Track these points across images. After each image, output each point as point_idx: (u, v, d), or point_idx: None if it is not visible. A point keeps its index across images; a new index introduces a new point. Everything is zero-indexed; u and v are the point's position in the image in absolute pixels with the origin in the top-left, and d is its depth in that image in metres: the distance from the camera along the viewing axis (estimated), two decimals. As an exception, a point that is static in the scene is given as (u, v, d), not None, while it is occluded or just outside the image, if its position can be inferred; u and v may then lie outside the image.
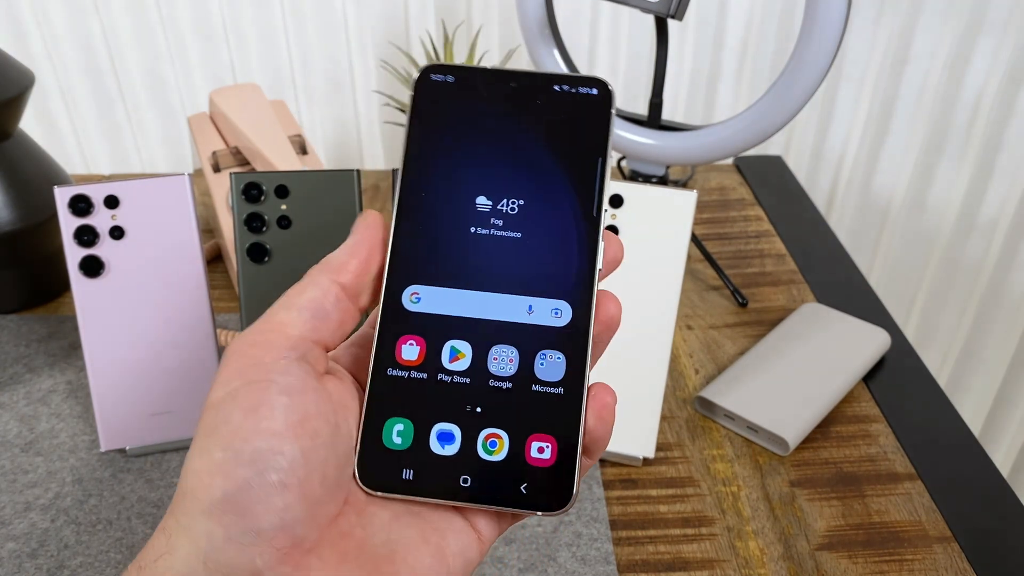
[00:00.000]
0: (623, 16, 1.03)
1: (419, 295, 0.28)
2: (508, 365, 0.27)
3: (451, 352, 0.27)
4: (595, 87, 0.29)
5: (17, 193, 0.65)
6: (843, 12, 0.59)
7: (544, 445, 0.27)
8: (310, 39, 1.04)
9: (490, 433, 0.27)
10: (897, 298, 1.18)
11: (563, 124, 0.29)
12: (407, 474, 0.27)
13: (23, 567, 0.49)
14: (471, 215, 0.28)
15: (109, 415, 0.54)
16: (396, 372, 0.27)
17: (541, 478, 0.27)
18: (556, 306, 0.28)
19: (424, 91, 0.29)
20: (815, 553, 0.51)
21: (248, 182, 0.52)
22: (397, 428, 0.27)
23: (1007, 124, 1.03)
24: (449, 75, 0.29)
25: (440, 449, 0.27)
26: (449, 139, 0.29)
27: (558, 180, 0.28)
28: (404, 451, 0.27)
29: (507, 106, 0.29)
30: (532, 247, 0.28)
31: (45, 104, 1.06)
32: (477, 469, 0.27)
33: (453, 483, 0.27)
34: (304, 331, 0.26)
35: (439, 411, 0.27)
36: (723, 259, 0.78)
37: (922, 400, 0.62)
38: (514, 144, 0.29)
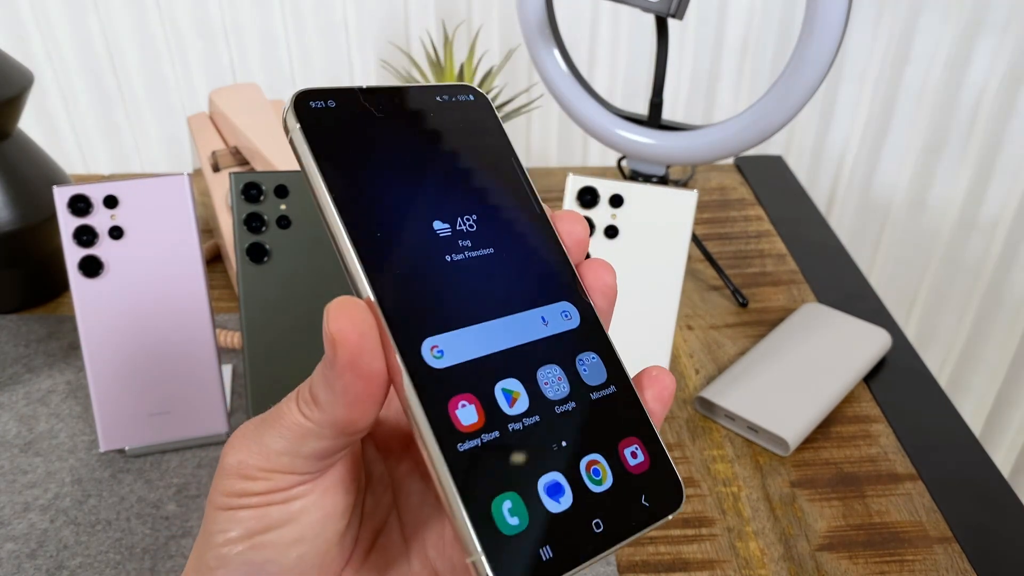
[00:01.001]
0: (623, 16, 1.03)
1: (439, 348, 0.24)
2: (560, 385, 0.25)
3: (506, 396, 0.24)
4: (470, 94, 0.28)
5: (16, 193, 0.65)
6: (843, 12, 0.59)
7: (634, 448, 0.25)
8: (310, 39, 1.04)
9: (589, 462, 0.24)
10: (897, 298, 1.18)
11: (465, 133, 0.27)
12: (545, 553, 0.22)
13: (22, 567, 0.49)
14: (439, 243, 0.25)
15: (108, 415, 0.54)
16: (467, 445, 0.22)
17: (652, 482, 0.24)
18: (562, 309, 0.26)
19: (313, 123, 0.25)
20: (816, 554, 0.51)
21: (248, 182, 0.52)
22: (507, 507, 0.22)
23: (1007, 124, 1.03)
24: (329, 100, 0.25)
25: (557, 506, 0.23)
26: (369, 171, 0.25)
27: (492, 187, 0.27)
28: (527, 529, 0.22)
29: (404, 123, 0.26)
30: (508, 259, 0.26)
31: (45, 104, 1.06)
32: (599, 506, 0.23)
33: (590, 535, 0.23)
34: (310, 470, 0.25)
35: (534, 466, 0.23)
36: (723, 259, 0.78)
37: (923, 400, 0.62)
38: (433, 161, 0.26)
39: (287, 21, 1.03)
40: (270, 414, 0.25)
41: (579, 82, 0.74)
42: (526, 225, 0.27)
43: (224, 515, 0.24)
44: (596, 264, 0.27)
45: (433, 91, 0.27)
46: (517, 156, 0.28)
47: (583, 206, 0.56)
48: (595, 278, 0.27)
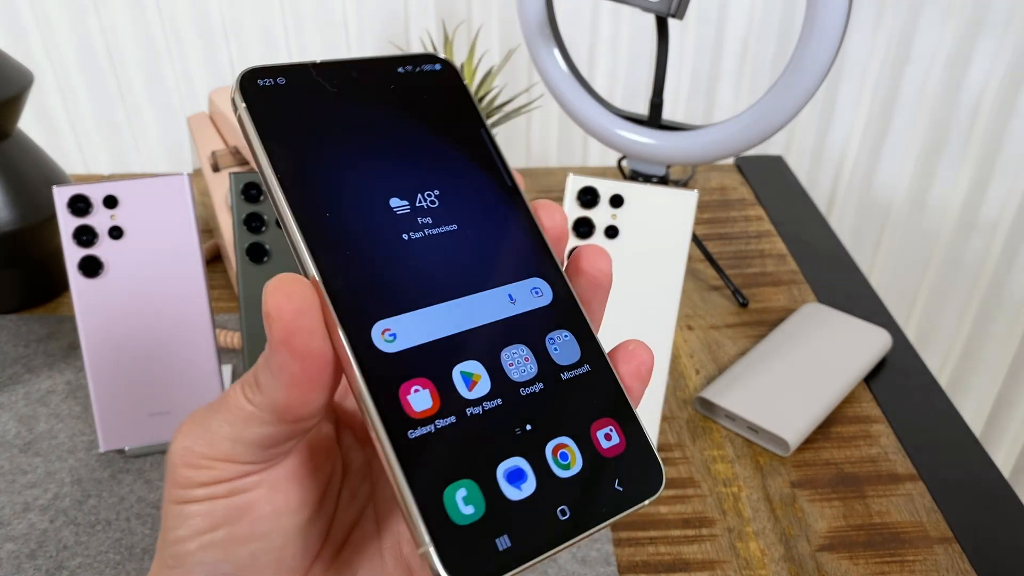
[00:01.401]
0: (623, 16, 1.03)
1: (391, 331, 0.22)
2: (527, 365, 0.23)
3: (465, 379, 0.23)
4: (436, 63, 0.27)
5: (16, 193, 0.65)
6: (843, 12, 0.59)
7: (608, 430, 0.23)
8: (310, 39, 1.04)
9: (556, 446, 0.23)
10: (898, 298, 1.18)
11: (428, 105, 0.26)
12: (503, 543, 0.21)
13: (22, 567, 0.49)
14: (395, 221, 0.24)
15: (108, 415, 0.54)
16: (419, 431, 0.21)
17: (627, 465, 0.23)
18: (533, 286, 0.25)
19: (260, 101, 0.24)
20: (816, 554, 0.51)
21: (247, 182, 0.52)
22: (461, 495, 0.21)
23: (1007, 124, 1.03)
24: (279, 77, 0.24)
25: (518, 493, 0.22)
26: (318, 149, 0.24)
27: (458, 161, 0.25)
28: (483, 518, 0.21)
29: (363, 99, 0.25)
30: (474, 235, 0.24)
31: (44, 104, 1.06)
32: (566, 493, 0.22)
33: (554, 523, 0.22)
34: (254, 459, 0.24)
35: (493, 451, 0.22)
36: (724, 259, 0.78)
37: (923, 400, 0.62)
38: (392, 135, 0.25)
39: (287, 21, 1.03)
40: (218, 400, 0.23)
41: (579, 82, 0.74)
42: (493, 199, 0.25)
43: (174, 510, 0.23)
44: (592, 250, 0.26)
45: (394, 62, 0.26)
46: (487, 127, 0.27)
47: (583, 206, 0.56)
48: (589, 264, 0.25)
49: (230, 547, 0.23)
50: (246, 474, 0.23)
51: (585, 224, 0.55)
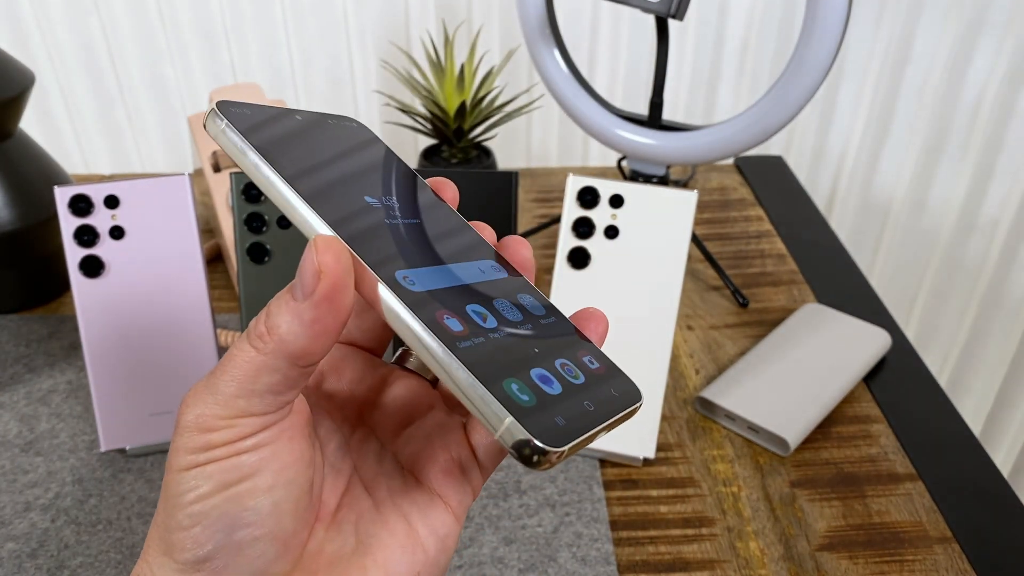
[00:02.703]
0: (623, 16, 1.03)
1: (411, 278, 0.27)
2: (516, 311, 0.28)
3: (477, 315, 0.27)
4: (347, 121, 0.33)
5: (17, 193, 0.65)
6: (843, 12, 0.59)
7: (588, 359, 0.28)
8: (310, 39, 1.04)
9: (562, 363, 0.27)
10: (897, 298, 1.18)
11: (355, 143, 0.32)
12: (560, 421, 0.25)
13: (23, 567, 0.49)
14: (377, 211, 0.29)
15: (109, 415, 0.54)
16: (465, 343, 0.25)
17: (612, 380, 0.28)
18: (491, 264, 0.30)
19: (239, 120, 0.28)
20: (816, 554, 0.51)
21: (248, 182, 0.52)
22: (515, 387, 0.25)
23: (1007, 124, 1.03)
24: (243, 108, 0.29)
25: (551, 390, 0.26)
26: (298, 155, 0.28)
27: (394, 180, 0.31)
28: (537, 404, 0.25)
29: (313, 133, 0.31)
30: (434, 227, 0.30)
31: (45, 104, 1.06)
32: (584, 393, 0.26)
33: (586, 412, 0.26)
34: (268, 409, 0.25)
35: (522, 362, 0.26)
36: (723, 259, 0.78)
37: (922, 400, 0.62)
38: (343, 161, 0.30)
39: (287, 21, 1.03)
40: (219, 364, 0.25)
41: (579, 82, 0.74)
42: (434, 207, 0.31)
43: (191, 473, 0.24)
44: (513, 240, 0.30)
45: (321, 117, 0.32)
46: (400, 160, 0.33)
47: (583, 206, 0.56)
48: (513, 252, 0.30)
49: (257, 496, 0.24)
50: (265, 426, 0.25)
51: (585, 224, 0.55)
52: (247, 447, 0.24)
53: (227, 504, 0.24)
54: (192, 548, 0.24)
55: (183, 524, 0.24)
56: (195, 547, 0.24)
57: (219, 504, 0.24)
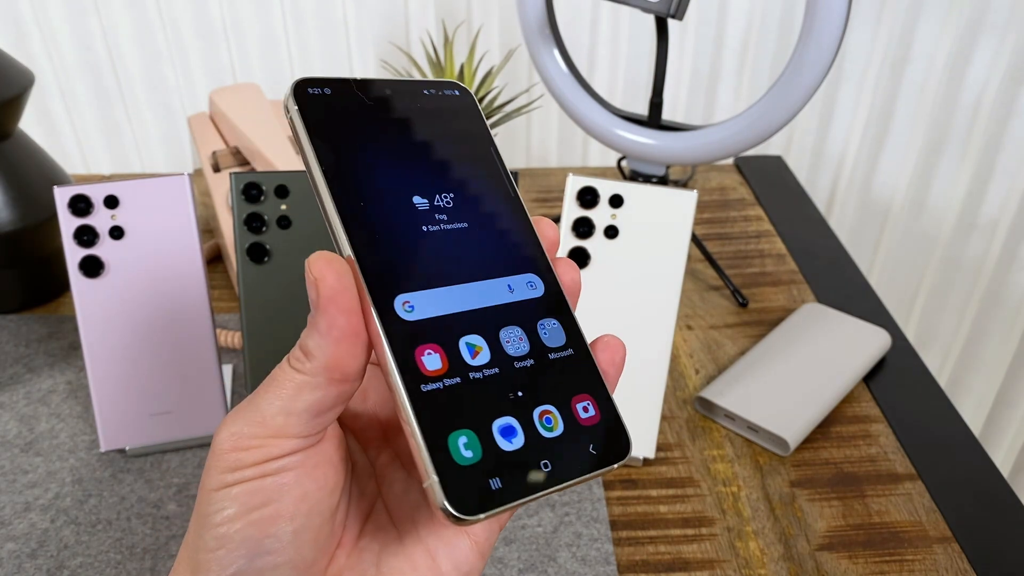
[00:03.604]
0: (623, 16, 1.03)
1: (411, 303, 0.26)
2: (521, 344, 0.28)
3: (469, 349, 0.27)
4: (455, 89, 0.31)
5: (17, 193, 0.65)
6: (843, 12, 0.59)
7: (586, 403, 0.27)
8: (310, 39, 1.04)
9: (542, 411, 0.27)
10: (897, 298, 1.18)
11: (447, 122, 0.30)
12: (494, 484, 0.25)
13: (23, 567, 0.49)
14: (417, 215, 0.28)
15: (109, 415, 0.54)
16: (430, 387, 0.26)
17: (600, 433, 0.27)
18: (528, 280, 0.29)
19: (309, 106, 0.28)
20: (815, 553, 0.51)
21: (248, 182, 0.52)
22: (462, 441, 0.25)
23: (1007, 124, 1.03)
24: (325, 87, 0.28)
25: (509, 445, 0.26)
26: (360, 149, 0.28)
27: (471, 172, 0.30)
28: (480, 462, 0.25)
29: (395, 112, 0.29)
30: (481, 233, 0.29)
31: (45, 104, 1.06)
32: (548, 450, 0.26)
33: (538, 473, 0.26)
34: (305, 431, 0.25)
35: (489, 409, 0.26)
36: (723, 259, 0.78)
37: (922, 400, 0.62)
38: (416, 145, 0.29)
39: (287, 21, 1.03)
40: (264, 383, 0.26)
41: (579, 82, 0.74)
42: (498, 205, 0.30)
43: (220, 494, 0.25)
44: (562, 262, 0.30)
45: (420, 84, 0.31)
46: (495, 145, 0.31)
47: (583, 206, 0.56)
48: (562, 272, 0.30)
49: (277, 523, 0.25)
50: (295, 450, 0.25)
51: (585, 224, 0.55)
52: (273, 469, 0.25)
53: (250, 528, 0.24)
54: (216, 570, 0.24)
55: (209, 545, 0.25)
56: (219, 569, 0.24)
57: (242, 528, 0.24)
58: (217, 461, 0.25)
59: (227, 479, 0.25)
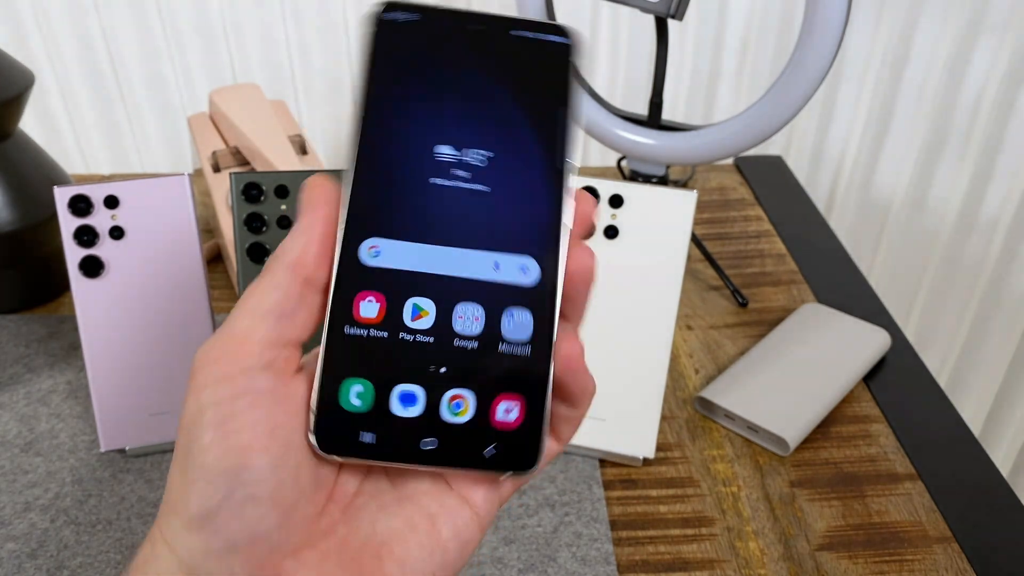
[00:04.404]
0: (623, 16, 1.03)
1: (378, 248, 0.26)
2: (474, 324, 0.26)
3: (414, 310, 0.26)
4: (558, 34, 0.28)
5: (17, 193, 0.65)
6: (843, 12, 0.59)
7: (512, 405, 0.26)
8: (310, 39, 1.04)
9: (455, 394, 0.26)
10: (897, 298, 1.18)
11: (525, 73, 0.28)
12: (367, 437, 0.25)
13: (23, 567, 0.49)
14: (432, 165, 0.27)
15: (109, 415, 0.54)
16: (354, 331, 0.26)
17: (508, 439, 0.26)
18: (523, 263, 0.27)
19: (380, 30, 0.27)
20: (815, 553, 0.51)
21: (248, 182, 0.52)
22: (356, 389, 0.25)
23: (1007, 124, 1.03)
24: (411, 13, 0.27)
25: (402, 411, 0.26)
26: (408, 84, 0.27)
27: (522, 131, 0.27)
28: (363, 414, 0.25)
29: (468, 51, 0.27)
30: (497, 201, 0.27)
31: (45, 104, 1.06)
32: (441, 431, 0.26)
33: (415, 446, 0.26)
34: (269, 337, 0.25)
35: (401, 371, 0.26)
36: (723, 259, 0.78)
37: (922, 400, 0.62)
38: (476, 92, 0.27)
39: (287, 21, 1.03)
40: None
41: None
42: (534, 176, 0.27)
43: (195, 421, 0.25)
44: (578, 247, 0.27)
45: (516, 24, 0.28)
46: (569, 107, 0.28)
47: (583, 206, 0.56)
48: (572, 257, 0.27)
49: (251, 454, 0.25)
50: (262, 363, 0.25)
51: (585, 224, 0.55)
52: (243, 388, 0.25)
53: (227, 458, 0.24)
54: (196, 503, 0.24)
55: (189, 477, 0.25)
56: (199, 502, 0.24)
57: (220, 457, 0.24)
58: (191, 383, 0.25)
59: (201, 399, 0.25)
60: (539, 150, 0.27)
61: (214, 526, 0.24)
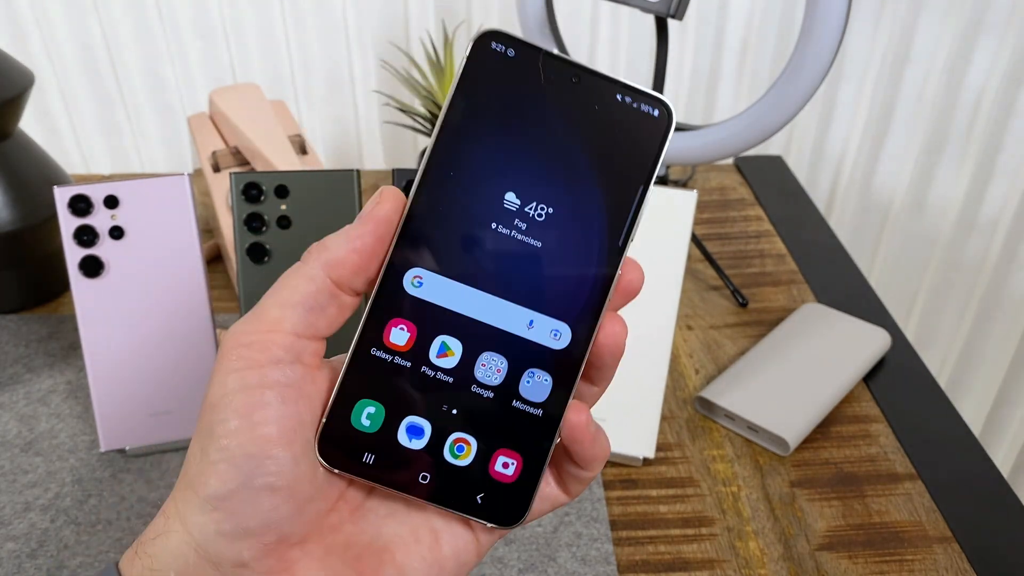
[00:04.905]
0: (623, 16, 1.03)
1: (422, 279, 0.26)
2: (494, 375, 0.27)
3: (441, 347, 0.26)
4: (657, 108, 0.27)
5: (17, 193, 0.65)
6: (843, 12, 0.59)
7: (510, 461, 0.27)
8: (310, 39, 1.04)
9: (460, 438, 0.27)
10: (897, 298, 1.18)
11: (614, 139, 0.27)
12: (368, 458, 0.26)
13: (23, 567, 0.49)
14: (496, 211, 0.26)
15: (109, 415, 0.54)
16: (380, 354, 0.26)
17: (499, 492, 0.27)
18: (556, 327, 0.27)
19: (479, 59, 0.26)
20: (815, 553, 0.51)
21: (248, 182, 0.52)
22: (368, 410, 0.26)
23: (1007, 124, 1.03)
24: (510, 48, 0.26)
25: (407, 441, 0.26)
26: (492, 121, 0.26)
27: (594, 198, 0.27)
28: (370, 435, 0.26)
29: (560, 102, 0.26)
30: (548, 260, 0.27)
31: (45, 104, 1.06)
32: (439, 469, 0.27)
33: (411, 477, 0.26)
34: (299, 329, 0.26)
35: (415, 403, 0.26)
36: (723, 259, 0.78)
37: (922, 400, 0.62)
38: (558, 146, 0.26)
39: (287, 21, 1.03)
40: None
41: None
42: (592, 247, 0.27)
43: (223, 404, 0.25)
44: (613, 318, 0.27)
45: (618, 88, 0.27)
46: (649, 183, 0.27)
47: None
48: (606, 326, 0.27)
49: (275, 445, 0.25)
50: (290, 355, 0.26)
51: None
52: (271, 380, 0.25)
53: (252, 445, 0.25)
54: (215, 484, 0.25)
55: (211, 458, 0.25)
56: (218, 483, 0.25)
57: (244, 443, 0.25)
58: (219, 364, 0.26)
59: (228, 383, 0.25)
60: (605, 223, 0.27)
61: (229, 508, 0.25)
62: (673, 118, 0.27)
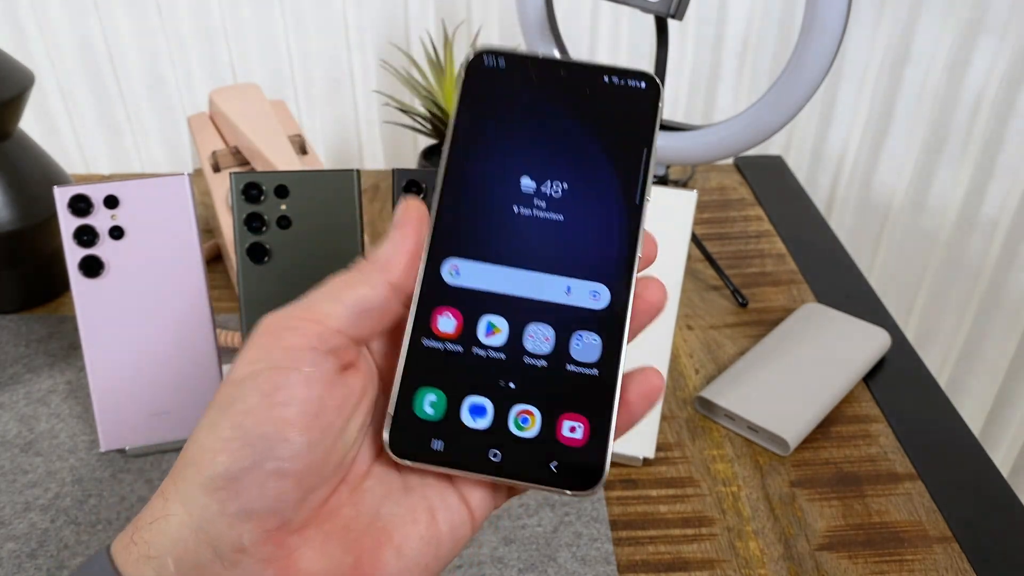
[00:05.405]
0: (623, 16, 1.03)
1: (458, 268, 0.28)
2: (544, 344, 0.28)
3: (488, 327, 0.28)
4: (643, 80, 0.30)
5: (17, 193, 0.65)
6: (843, 12, 0.59)
7: (576, 424, 0.27)
8: (310, 39, 1.04)
9: (523, 409, 0.27)
10: (897, 298, 1.18)
11: (611, 114, 0.29)
12: (436, 445, 0.27)
13: (23, 567, 0.49)
14: (515, 194, 0.29)
15: (109, 415, 0.54)
16: (432, 343, 0.27)
17: (572, 457, 0.27)
18: (594, 289, 0.28)
19: (474, 74, 0.29)
20: (815, 553, 0.51)
21: (248, 182, 0.52)
22: (430, 399, 0.27)
23: (1007, 124, 1.03)
24: (500, 59, 0.30)
25: (472, 422, 0.27)
26: (497, 122, 0.29)
27: (604, 167, 0.29)
28: (435, 422, 0.27)
29: (556, 93, 0.29)
30: (574, 230, 0.29)
31: (45, 104, 1.06)
32: (508, 444, 0.27)
33: (483, 456, 0.27)
34: (344, 326, 0.27)
35: (473, 384, 0.27)
36: (723, 259, 0.78)
37: (922, 400, 0.62)
38: (561, 131, 0.29)
39: (287, 21, 1.03)
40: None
41: (579, 82, 0.74)
42: (611, 209, 0.29)
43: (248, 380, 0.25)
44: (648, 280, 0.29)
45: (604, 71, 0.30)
46: (651, 147, 0.29)
47: (583, 206, 0.56)
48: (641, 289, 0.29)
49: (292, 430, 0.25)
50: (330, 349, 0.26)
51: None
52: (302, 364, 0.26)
53: (267, 426, 0.25)
54: (224, 463, 0.25)
55: (224, 435, 0.25)
56: (227, 462, 0.25)
57: (260, 424, 0.25)
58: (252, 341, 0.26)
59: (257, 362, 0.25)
60: (621, 186, 0.29)
61: (235, 489, 0.25)
62: (660, 85, 0.30)
